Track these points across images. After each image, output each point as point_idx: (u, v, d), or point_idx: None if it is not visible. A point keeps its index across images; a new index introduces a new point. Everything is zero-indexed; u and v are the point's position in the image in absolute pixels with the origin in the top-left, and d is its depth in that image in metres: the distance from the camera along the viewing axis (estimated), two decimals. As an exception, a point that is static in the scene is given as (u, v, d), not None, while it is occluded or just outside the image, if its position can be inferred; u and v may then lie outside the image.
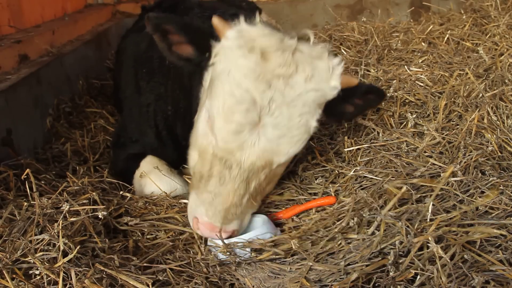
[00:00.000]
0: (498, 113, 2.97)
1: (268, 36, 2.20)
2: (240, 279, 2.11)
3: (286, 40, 2.21)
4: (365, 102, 2.51)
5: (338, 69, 2.29)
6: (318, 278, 2.00)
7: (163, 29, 2.34)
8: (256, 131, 2.16)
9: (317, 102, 2.23)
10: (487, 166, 2.53)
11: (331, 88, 2.26)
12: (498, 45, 4.08)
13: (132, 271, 2.05)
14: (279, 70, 2.14)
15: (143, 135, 3.13)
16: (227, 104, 2.16)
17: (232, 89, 2.15)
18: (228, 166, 2.22)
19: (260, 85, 2.12)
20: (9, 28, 4.12)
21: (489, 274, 1.83)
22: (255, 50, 2.16)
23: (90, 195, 2.48)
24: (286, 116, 2.15)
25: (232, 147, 2.19)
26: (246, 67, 2.15)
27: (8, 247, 2.06)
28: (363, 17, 5.71)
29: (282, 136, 2.17)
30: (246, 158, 2.19)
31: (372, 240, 2.09)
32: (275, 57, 2.15)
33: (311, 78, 2.19)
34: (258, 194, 2.39)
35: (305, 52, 2.23)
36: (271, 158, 2.22)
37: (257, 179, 2.27)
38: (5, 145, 2.98)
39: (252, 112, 2.13)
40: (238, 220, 2.29)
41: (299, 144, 2.24)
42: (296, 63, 2.17)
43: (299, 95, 2.16)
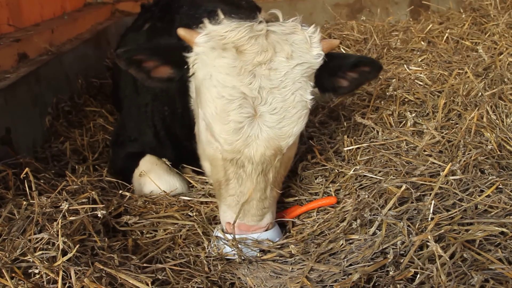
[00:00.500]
0: (498, 112, 2.97)
1: (236, 29, 2.21)
2: (242, 278, 2.10)
3: (256, 27, 2.22)
4: (360, 76, 2.48)
5: (315, 37, 2.29)
6: (320, 278, 2.00)
7: (135, 60, 2.36)
8: (256, 122, 2.17)
9: (306, 75, 2.24)
10: (487, 165, 2.53)
11: (315, 57, 2.27)
12: (498, 44, 4.08)
13: (131, 270, 2.05)
14: (258, 58, 2.15)
15: (142, 134, 3.13)
16: (218, 107, 2.17)
17: (219, 91, 2.17)
18: (240, 165, 2.23)
19: (245, 78, 2.14)
20: (8, 27, 4.11)
21: (488, 273, 1.83)
22: (229, 47, 2.18)
23: (89, 194, 2.48)
24: (280, 99, 2.16)
25: (238, 146, 2.19)
26: (226, 65, 2.17)
27: (8, 246, 2.06)
28: (363, 16, 5.70)
29: (282, 119, 2.18)
30: (255, 151, 2.19)
31: (374, 241, 2.08)
32: (250, 47, 2.16)
33: (292, 55, 2.20)
34: (279, 182, 2.40)
35: (278, 32, 2.24)
36: (278, 144, 2.21)
37: (273, 168, 2.27)
38: (4, 144, 2.98)
39: (246, 106, 2.14)
40: (269, 212, 2.30)
41: (300, 121, 2.23)
42: (273, 45, 2.19)
43: (285, 75, 2.17)
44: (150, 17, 3.73)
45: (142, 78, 2.42)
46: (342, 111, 3.35)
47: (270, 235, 2.32)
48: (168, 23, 3.01)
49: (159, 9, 3.60)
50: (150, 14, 3.77)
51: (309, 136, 3.19)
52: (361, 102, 3.51)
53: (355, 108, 3.42)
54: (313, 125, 3.31)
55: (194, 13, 2.90)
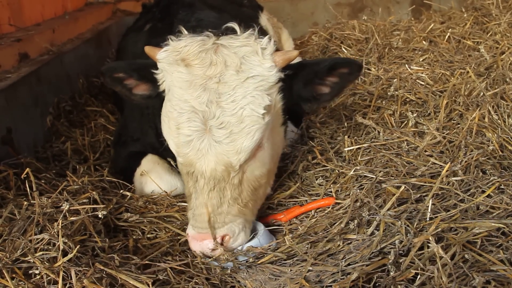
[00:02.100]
0: (499, 112, 2.96)
1: (189, 44, 2.25)
2: (241, 281, 2.10)
3: (207, 41, 2.26)
4: (341, 79, 2.40)
5: (268, 49, 2.27)
6: (319, 278, 2.00)
7: (117, 78, 2.46)
8: (205, 137, 2.15)
9: (260, 89, 2.19)
10: (488, 165, 2.52)
11: (268, 69, 2.23)
12: (499, 43, 4.06)
13: (132, 270, 2.04)
14: (208, 72, 2.17)
15: (144, 134, 3.13)
16: (171, 120, 2.21)
17: (172, 104, 2.21)
18: (194, 179, 2.22)
19: (195, 91, 2.16)
20: (9, 27, 4.12)
21: (489, 274, 1.83)
22: (180, 61, 2.22)
23: (90, 194, 2.49)
24: (228, 113, 2.14)
25: (190, 159, 2.20)
26: (179, 80, 2.21)
27: (8, 246, 2.06)
28: (364, 15, 5.67)
29: (229, 133, 2.14)
30: (206, 166, 2.16)
31: (372, 240, 2.08)
32: (199, 61, 2.19)
33: (241, 68, 2.18)
34: (249, 200, 2.30)
35: (229, 45, 2.25)
36: (228, 160, 2.16)
37: (231, 186, 2.20)
38: (5, 144, 2.98)
39: (195, 120, 2.14)
40: (227, 228, 2.19)
41: (251, 135, 2.15)
42: (223, 58, 2.19)
43: (234, 89, 2.15)
44: (151, 18, 3.74)
45: (126, 95, 2.53)
46: (343, 111, 3.34)
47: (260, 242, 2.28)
48: (168, 25, 3.03)
49: (160, 10, 3.61)
50: (151, 14, 3.77)
51: (310, 137, 3.19)
52: (362, 102, 3.50)
53: (356, 108, 3.41)
54: (314, 125, 3.31)
55: (187, 20, 2.92)
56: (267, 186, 2.51)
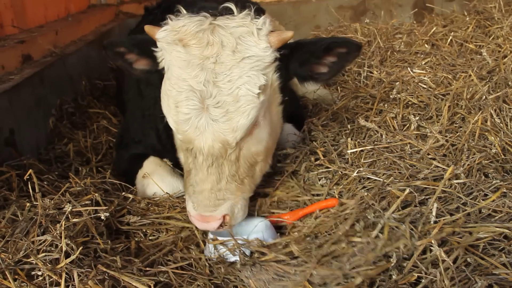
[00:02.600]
0: (502, 116, 2.95)
1: (187, 24, 2.28)
2: (244, 280, 2.10)
3: (204, 21, 2.28)
4: (339, 58, 2.40)
5: (264, 29, 2.29)
6: (323, 281, 1.99)
7: (119, 53, 2.51)
8: (203, 115, 2.20)
9: (256, 69, 2.22)
10: (491, 168, 2.52)
11: (264, 50, 2.25)
12: (502, 47, 4.06)
13: (134, 272, 2.05)
14: (206, 52, 2.20)
15: (146, 136, 3.13)
16: (170, 99, 2.25)
17: (171, 83, 2.25)
18: (193, 155, 2.29)
19: (192, 71, 2.19)
20: (12, 28, 4.13)
21: (492, 278, 1.82)
22: (178, 41, 2.25)
23: (93, 196, 2.49)
24: (225, 93, 2.17)
25: (189, 136, 2.25)
26: (178, 59, 2.24)
27: (11, 247, 2.07)
28: (366, 18, 5.70)
29: (225, 112, 2.18)
30: (204, 143, 2.22)
31: (376, 244, 2.08)
32: (196, 41, 2.22)
33: (237, 48, 2.21)
34: (245, 176, 2.38)
35: (226, 26, 2.27)
36: (224, 137, 2.22)
37: (228, 162, 2.28)
38: (8, 146, 2.99)
39: (193, 99, 2.18)
40: (226, 204, 2.28)
41: (246, 114, 2.20)
42: (220, 38, 2.22)
43: (231, 69, 2.18)
44: (152, 20, 3.74)
45: (127, 69, 2.59)
46: (346, 114, 3.34)
47: (263, 236, 2.33)
48: None
49: (161, 12, 3.61)
50: (153, 17, 3.78)
51: (313, 139, 3.19)
52: (364, 105, 3.50)
53: (358, 111, 3.41)
54: (316, 128, 3.31)
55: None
56: (265, 164, 2.57)
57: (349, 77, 4.25)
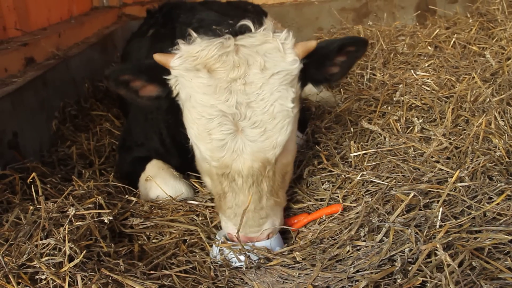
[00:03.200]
0: (506, 118, 2.94)
1: (206, 48, 2.22)
2: (249, 282, 2.10)
3: (225, 43, 2.23)
4: (349, 57, 2.44)
5: (288, 43, 2.27)
6: (326, 285, 1.99)
7: (123, 81, 2.40)
8: (239, 137, 2.17)
9: (285, 83, 2.22)
10: (495, 171, 2.50)
11: (291, 63, 2.24)
12: (505, 49, 4.05)
13: (137, 276, 2.04)
14: (232, 74, 2.17)
15: (149, 139, 3.13)
16: (200, 127, 2.21)
17: (198, 111, 2.20)
18: (231, 179, 2.24)
19: (221, 95, 2.15)
20: (15, 31, 4.14)
21: (497, 282, 1.81)
22: (201, 67, 2.20)
23: (96, 199, 2.48)
24: (259, 112, 2.15)
25: (225, 162, 2.21)
26: (201, 85, 2.19)
27: (14, 251, 2.07)
28: (369, 20, 5.68)
29: (263, 132, 2.17)
30: (243, 165, 2.19)
31: (381, 247, 2.07)
32: (221, 64, 2.18)
33: (265, 66, 2.19)
34: (279, 189, 2.38)
35: (248, 44, 2.24)
36: (264, 156, 2.20)
37: (267, 179, 2.26)
38: (11, 148, 2.99)
39: (226, 123, 2.15)
40: (269, 221, 2.30)
41: (283, 131, 2.20)
42: (245, 59, 2.19)
43: (261, 87, 2.16)
44: (154, 23, 3.75)
45: (132, 98, 2.47)
46: (349, 117, 3.34)
47: (271, 244, 2.31)
48: (170, 30, 3.03)
49: (163, 15, 3.62)
50: (155, 20, 3.79)
51: (316, 142, 3.18)
52: (367, 108, 3.50)
53: (361, 114, 3.40)
54: (319, 130, 3.30)
55: (189, 23, 2.92)
56: (291, 172, 2.58)
57: (352, 79, 4.25)
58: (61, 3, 5.38)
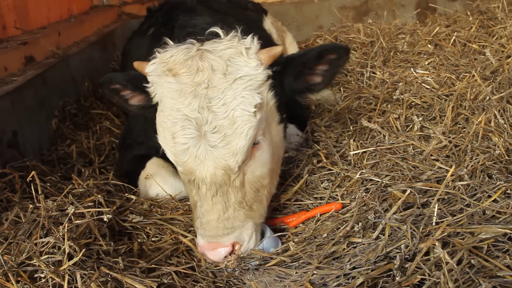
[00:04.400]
0: (506, 116, 2.94)
1: (175, 54, 2.26)
2: (247, 282, 2.10)
3: (191, 48, 2.26)
4: (331, 65, 2.39)
5: (252, 48, 2.27)
6: (323, 282, 1.99)
7: (114, 89, 2.49)
8: (201, 143, 2.16)
9: (249, 89, 2.20)
10: (494, 169, 2.50)
11: (254, 68, 2.23)
12: (505, 47, 4.04)
13: (137, 274, 2.04)
14: (196, 78, 2.18)
15: (148, 137, 3.12)
16: (165, 130, 2.22)
17: (165, 115, 2.22)
18: (197, 186, 2.23)
19: (185, 99, 2.17)
20: (15, 30, 4.14)
21: (496, 280, 1.81)
22: (168, 72, 2.23)
23: (95, 197, 2.49)
24: (220, 117, 2.14)
25: (189, 167, 2.21)
26: (169, 90, 2.22)
27: (14, 249, 2.07)
28: (369, 18, 5.68)
29: (224, 136, 2.14)
30: (206, 172, 2.17)
31: (377, 244, 2.07)
32: (186, 69, 2.20)
33: (228, 70, 2.19)
34: (253, 202, 2.31)
35: (214, 49, 2.25)
36: (226, 163, 2.16)
37: (233, 189, 2.21)
38: (10, 147, 2.99)
39: (189, 127, 2.15)
40: (235, 233, 2.21)
41: (244, 135, 2.15)
42: (209, 63, 2.20)
43: (224, 92, 2.16)
44: (154, 22, 3.75)
45: (123, 106, 2.55)
46: (349, 115, 3.34)
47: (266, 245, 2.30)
48: (170, 29, 3.04)
49: (163, 14, 3.62)
50: (155, 19, 3.79)
51: (315, 140, 3.18)
52: (367, 106, 3.49)
53: (361, 112, 3.40)
54: (319, 128, 3.30)
55: (185, 26, 2.93)
56: (271, 187, 2.50)
57: (352, 77, 4.25)
58: (60, 2, 5.38)
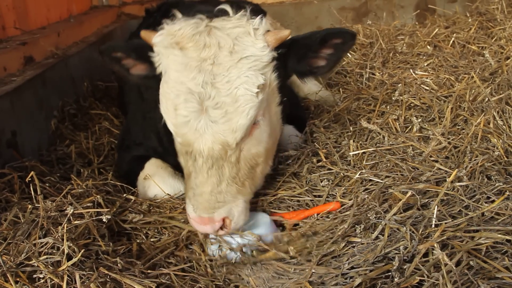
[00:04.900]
0: (504, 118, 2.95)
1: (183, 27, 2.28)
2: (245, 278, 2.11)
3: (200, 24, 2.28)
4: (335, 49, 2.41)
5: (260, 29, 2.29)
6: (321, 281, 1.99)
7: (116, 58, 2.48)
8: (202, 117, 2.19)
9: (254, 69, 2.22)
10: (493, 171, 2.51)
11: (261, 49, 2.25)
12: (504, 48, 4.06)
13: (136, 274, 2.04)
14: (203, 54, 2.20)
15: (147, 138, 3.13)
16: (168, 101, 2.25)
17: (169, 86, 2.25)
18: (193, 158, 2.27)
19: (190, 73, 2.19)
20: (14, 30, 4.14)
21: (495, 282, 1.81)
22: (175, 45, 2.25)
23: (94, 198, 2.48)
24: (223, 94, 2.17)
25: (188, 139, 2.25)
26: (175, 62, 2.24)
27: (12, 250, 2.07)
28: (368, 19, 5.69)
29: (225, 113, 2.18)
30: (204, 145, 2.22)
31: (376, 244, 2.07)
32: (193, 43, 2.22)
33: (234, 49, 2.21)
34: (246, 179, 2.37)
35: (222, 27, 2.27)
36: (224, 139, 2.21)
37: (229, 164, 2.27)
38: (9, 147, 2.99)
39: (191, 101, 2.18)
40: (226, 207, 2.26)
41: (245, 114, 2.20)
42: (216, 40, 2.22)
43: (229, 69, 2.18)
44: (152, 23, 3.74)
45: (124, 75, 2.56)
46: (348, 116, 3.34)
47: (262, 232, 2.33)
48: None
49: (161, 15, 3.62)
50: (153, 19, 3.79)
51: (314, 140, 3.18)
52: (366, 107, 3.50)
53: (360, 113, 3.41)
54: (318, 129, 3.30)
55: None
56: (265, 166, 2.55)
57: (351, 78, 4.25)
58: (60, 2, 5.38)
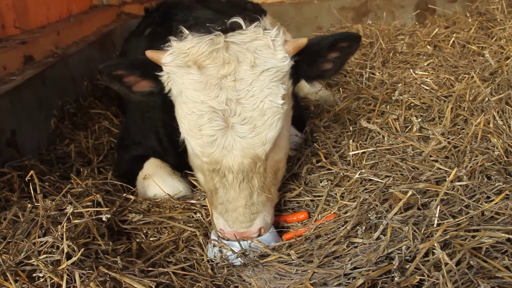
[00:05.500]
0: (504, 118, 2.94)
1: (197, 45, 2.24)
2: (246, 279, 2.10)
3: (215, 40, 2.25)
4: (342, 53, 2.45)
5: (278, 40, 2.28)
6: (323, 281, 1.99)
7: (116, 76, 2.41)
8: (229, 133, 2.18)
9: (275, 80, 2.23)
10: (493, 171, 2.50)
11: (281, 60, 2.25)
12: (504, 48, 4.05)
13: (135, 273, 2.04)
14: (222, 71, 2.18)
15: (146, 138, 3.13)
16: (190, 122, 2.22)
17: (189, 107, 2.21)
18: (222, 174, 2.25)
19: (211, 92, 2.17)
20: (14, 29, 4.13)
21: (495, 281, 1.81)
22: (191, 63, 2.21)
23: (94, 197, 2.48)
24: (249, 108, 2.17)
25: (215, 158, 2.22)
26: (192, 81, 2.21)
27: (12, 249, 2.07)
28: (368, 19, 5.69)
29: (253, 128, 2.18)
30: (233, 161, 2.21)
31: (378, 245, 2.07)
32: (212, 61, 2.19)
33: (255, 62, 2.20)
34: (271, 186, 2.39)
35: (239, 41, 2.25)
36: (254, 152, 2.21)
37: (258, 175, 2.27)
38: (9, 146, 2.99)
39: (216, 119, 2.16)
40: (260, 217, 2.30)
41: (273, 127, 2.21)
42: (235, 55, 2.20)
43: (251, 84, 2.18)
44: (151, 23, 3.75)
45: (125, 93, 2.48)
46: (348, 116, 3.34)
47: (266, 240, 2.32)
48: (167, 28, 3.03)
49: (160, 14, 3.62)
50: (152, 19, 3.79)
51: (314, 141, 3.18)
52: (366, 107, 3.49)
53: (360, 113, 3.40)
54: (318, 129, 3.30)
55: (185, 20, 2.92)
56: (284, 169, 2.59)
57: (351, 78, 4.25)
58: (60, 1, 5.38)
